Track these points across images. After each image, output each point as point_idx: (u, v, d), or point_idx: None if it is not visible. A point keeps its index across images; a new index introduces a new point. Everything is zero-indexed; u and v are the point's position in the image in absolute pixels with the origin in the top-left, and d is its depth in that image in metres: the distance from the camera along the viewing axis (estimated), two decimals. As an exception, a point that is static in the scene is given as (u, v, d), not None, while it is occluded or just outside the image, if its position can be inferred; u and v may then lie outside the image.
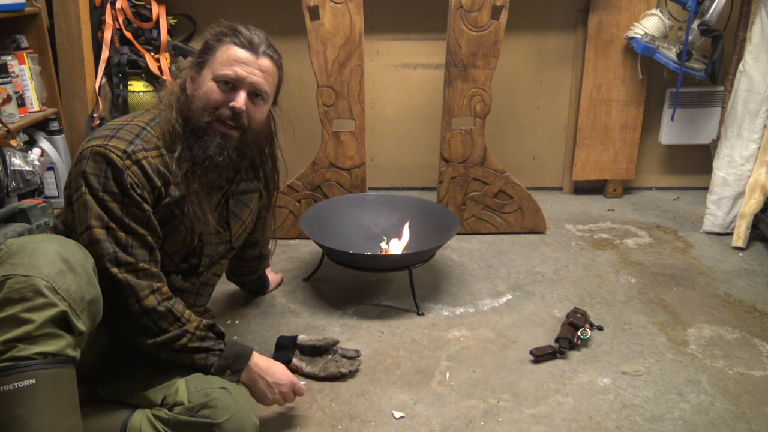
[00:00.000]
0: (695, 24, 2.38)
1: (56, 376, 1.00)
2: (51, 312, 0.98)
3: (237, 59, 1.27)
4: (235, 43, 1.28)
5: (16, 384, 0.96)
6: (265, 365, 1.31)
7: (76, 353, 1.03)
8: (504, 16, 2.17)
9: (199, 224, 1.31)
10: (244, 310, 1.88)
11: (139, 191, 1.19)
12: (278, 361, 1.57)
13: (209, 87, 1.27)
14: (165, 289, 1.23)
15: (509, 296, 1.97)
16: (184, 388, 1.17)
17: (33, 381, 0.97)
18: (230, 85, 1.27)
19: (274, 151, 1.53)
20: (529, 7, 2.62)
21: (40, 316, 0.97)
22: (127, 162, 1.18)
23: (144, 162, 1.21)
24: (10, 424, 0.96)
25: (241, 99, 1.27)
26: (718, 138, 2.46)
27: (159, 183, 1.23)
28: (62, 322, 1.00)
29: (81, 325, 1.03)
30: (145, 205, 1.21)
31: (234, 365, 1.25)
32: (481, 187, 2.38)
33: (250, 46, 1.28)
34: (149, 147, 1.23)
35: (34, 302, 0.98)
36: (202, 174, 1.29)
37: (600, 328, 1.77)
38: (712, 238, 2.42)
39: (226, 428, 1.14)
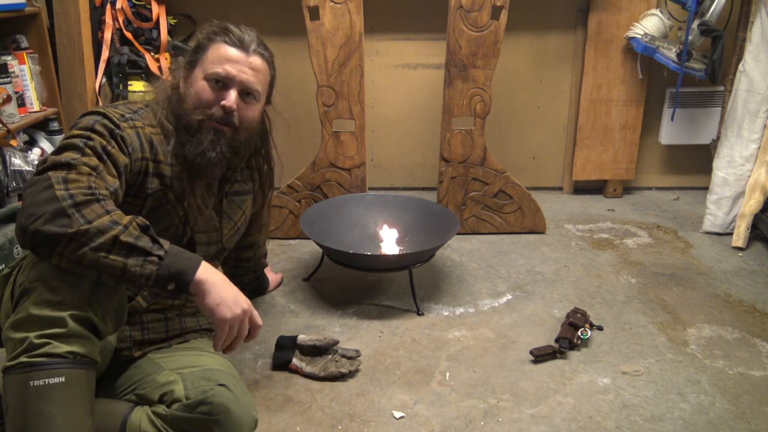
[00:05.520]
0: (695, 24, 2.38)
1: (82, 377, 1.02)
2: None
3: (227, 58, 1.27)
4: (226, 42, 1.28)
5: (47, 380, 0.98)
6: (218, 280, 1.10)
7: (98, 358, 1.06)
8: (504, 16, 2.17)
9: (198, 217, 1.32)
10: (244, 310, 1.89)
11: (128, 149, 1.18)
12: (278, 361, 1.58)
13: (200, 86, 1.28)
14: (106, 194, 1.07)
15: (509, 296, 1.97)
16: (181, 386, 1.17)
17: (63, 379, 0.99)
18: (221, 83, 1.27)
19: (269, 151, 1.53)
20: (529, 7, 2.62)
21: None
22: (123, 124, 1.19)
23: (140, 130, 1.22)
24: (36, 419, 0.98)
25: (231, 97, 1.27)
26: (718, 138, 2.46)
27: (149, 154, 1.23)
28: (91, 326, 1.03)
29: (106, 330, 1.06)
30: (126, 159, 1.17)
31: (179, 278, 1.05)
32: (481, 187, 2.38)
33: (240, 45, 1.28)
34: (146, 123, 1.25)
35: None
36: (199, 170, 1.29)
37: (600, 328, 1.77)
38: (712, 238, 2.42)
39: (224, 424, 1.14)
